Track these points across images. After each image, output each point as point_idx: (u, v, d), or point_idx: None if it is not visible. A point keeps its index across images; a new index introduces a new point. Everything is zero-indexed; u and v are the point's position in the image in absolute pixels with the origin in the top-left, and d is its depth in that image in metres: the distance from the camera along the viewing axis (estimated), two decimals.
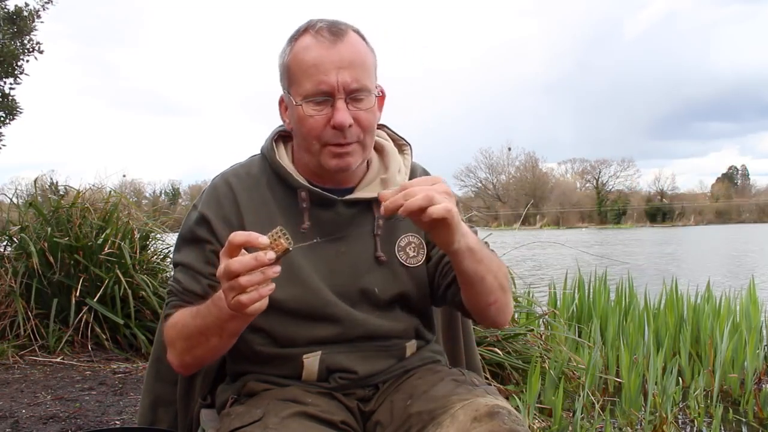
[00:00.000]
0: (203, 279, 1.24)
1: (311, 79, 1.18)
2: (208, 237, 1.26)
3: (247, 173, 1.31)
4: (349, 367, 1.24)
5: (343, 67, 1.17)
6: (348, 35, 1.20)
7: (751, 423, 2.96)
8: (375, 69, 1.25)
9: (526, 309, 3.71)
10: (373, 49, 1.26)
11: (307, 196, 1.26)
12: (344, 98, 1.18)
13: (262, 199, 1.27)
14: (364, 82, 1.19)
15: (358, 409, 1.26)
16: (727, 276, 9.97)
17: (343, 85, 1.17)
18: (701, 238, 32.77)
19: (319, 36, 1.19)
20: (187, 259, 1.27)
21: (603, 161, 75.51)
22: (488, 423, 1.08)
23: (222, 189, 1.29)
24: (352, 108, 1.19)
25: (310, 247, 1.20)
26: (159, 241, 4.67)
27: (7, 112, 5.42)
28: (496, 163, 75.23)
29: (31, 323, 3.74)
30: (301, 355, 1.24)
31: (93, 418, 2.73)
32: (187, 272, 1.26)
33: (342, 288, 1.25)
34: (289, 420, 1.14)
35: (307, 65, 1.18)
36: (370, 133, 1.24)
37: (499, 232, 8.02)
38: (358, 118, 1.20)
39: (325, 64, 1.17)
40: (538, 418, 2.71)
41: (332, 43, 1.18)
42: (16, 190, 5.29)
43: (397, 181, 1.29)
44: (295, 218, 1.25)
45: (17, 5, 5.38)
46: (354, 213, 1.27)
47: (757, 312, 4.08)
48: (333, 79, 1.17)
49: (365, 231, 1.28)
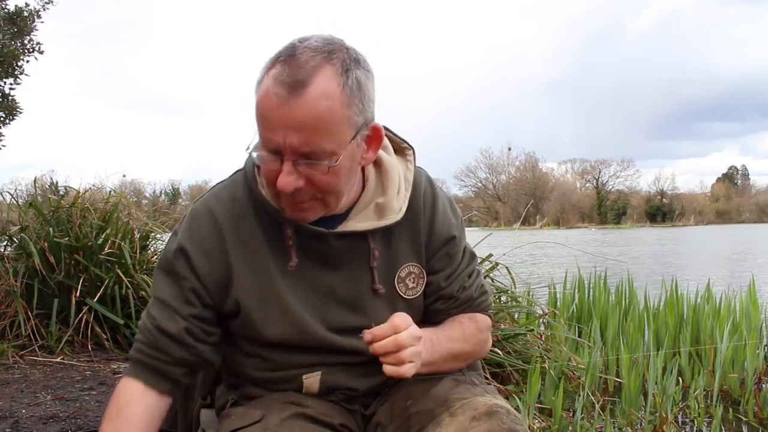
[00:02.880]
0: (181, 320, 1.17)
1: (262, 130, 1.06)
2: (186, 273, 1.17)
3: (232, 198, 1.19)
4: (351, 385, 1.24)
5: (293, 128, 1.01)
6: (309, 88, 1.01)
7: (752, 423, 2.96)
8: (349, 120, 1.05)
9: (526, 309, 3.71)
10: (354, 91, 1.04)
11: (293, 233, 1.16)
12: (292, 160, 1.04)
13: (248, 231, 1.17)
14: (319, 145, 1.03)
15: (360, 413, 1.26)
16: (727, 276, 9.96)
17: (290, 147, 1.03)
18: (701, 238, 32.74)
19: (276, 85, 1.02)
20: (163, 294, 1.19)
21: (603, 161, 75.69)
22: (487, 422, 1.08)
23: (205, 220, 1.19)
24: (304, 170, 1.05)
25: (299, 280, 1.17)
26: (159, 241, 4.66)
27: (7, 112, 5.42)
28: (496, 163, 75.36)
29: (31, 323, 3.74)
30: (301, 375, 1.22)
31: (93, 418, 2.73)
32: (164, 309, 1.18)
33: (336, 323, 1.19)
34: (288, 422, 1.14)
35: (260, 114, 1.05)
36: (332, 193, 1.09)
37: (499, 232, 8.01)
38: (311, 181, 1.06)
39: (274, 121, 1.02)
40: (538, 418, 2.71)
41: (285, 100, 1.01)
42: (16, 190, 5.28)
43: (394, 207, 1.18)
44: (282, 254, 1.17)
45: (17, 5, 5.38)
46: (347, 244, 1.18)
47: (757, 312, 4.08)
48: (279, 138, 1.02)
49: (361, 262, 1.19)
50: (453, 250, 1.25)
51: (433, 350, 1.17)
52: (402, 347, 1.08)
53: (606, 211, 72.22)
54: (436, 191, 1.26)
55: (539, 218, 57.00)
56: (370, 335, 1.09)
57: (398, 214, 1.18)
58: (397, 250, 1.21)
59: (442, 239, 1.24)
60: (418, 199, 1.22)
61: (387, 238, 1.20)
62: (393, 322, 1.09)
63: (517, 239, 4.20)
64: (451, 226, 1.25)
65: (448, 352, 1.22)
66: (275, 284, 1.17)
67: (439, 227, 1.23)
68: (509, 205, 68.30)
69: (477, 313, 1.30)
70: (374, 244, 1.19)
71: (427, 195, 1.24)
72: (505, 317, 3.51)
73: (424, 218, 1.22)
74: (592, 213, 72.38)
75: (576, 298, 4.38)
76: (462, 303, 1.27)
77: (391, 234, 1.20)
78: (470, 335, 1.27)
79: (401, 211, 1.19)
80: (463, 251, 1.29)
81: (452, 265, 1.25)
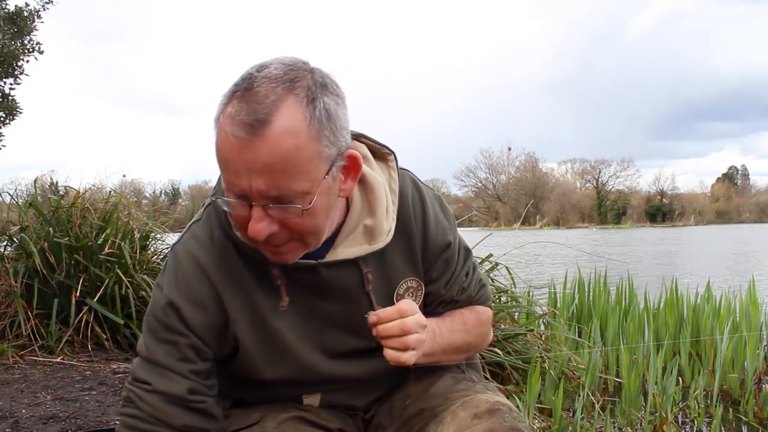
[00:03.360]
0: (182, 380, 1.08)
1: (225, 174, 0.96)
2: (180, 328, 1.08)
3: (211, 239, 1.10)
4: (351, 403, 1.23)
5: (257, 171, 0.92)
6: (271, 126, 0.91)
7: (752, 423, 2.96)
8: (319, 155, 0.95)
9: (526, 309, 3.71)
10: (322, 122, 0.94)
11: (280, 272, 1.09)
12: (262, 205, 0.95)
13: (235, 273, 1.10)
14: (288, 187, 0.94)
15: (360, 417, 1.26)
16: (727, 276, 9.96)
17: (258, 192, 0.94)
18: (701, 238, 32.74)
19: (233, 126, 0.92)
20: (156, 356, 1.09)
21: (603, 161, 75.69)
22: (489, 420, 1.08)
23: (188, 267, 1.10)
24: (275, 214, 0.96)
25: (295, 316, 1.12)
26: (159, 241, 4.67)
27: (7, 112, 5.43)
28: (496, 163, 75.38)
29: (31, 323, 3.74)
30: (301, 394, 1.21)
31: (93, 418, 2.73)
32: (160, 371, 1.08)
33: (336, 348, 1.16)
34: (286, 424, 1.14)
35: (219, 158, 0.96)
36: (311, 233, 1.01)
37: (499, 232, 8.01)
38: (286, 225, 0.98)
39: (236, 164, 0.93)
40: (538, 418, 2.71)
41: (244, 142, 0.91)
42: (16, 190, 5.29)
43: (384, 228, 1.11)
44: (273, 293, 1.10)
45: (17, 5, 5.38)
46: (339, 272, 1.11)
47: (757, 312, 4.08)
48: (245, 183, 0.93)
49: (356, 287, 1.13)
50: (450, 256, 1.21)
51: (435, 341, 1.16)
52: (407, 332, 1.05)
53: (606, 211, 72.23)
54: (424, 195, 1.20)
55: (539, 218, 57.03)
56: (375, 317, 1.06)
57: (389, 235, 1.12)
58: (392, 268, 1.15)
59: (438, 247, 1.19)
60: (407, 210, 1.16)
61: (380, 258, 1.14)
62: (400, 307, 1.06)
63: (517, 239, 4.20)
64: (445, 231, 1.20)
65: (449, 343, 1.20)
66: (270, 325, 1.11)
67: (434, 236, 1.18)
68: (509, 205, 68.31)
69: (478, 306, 1.29)
70: (367, 268, 1.12)
71: (416, 204, 1.18)
72: (505, 317, 3.51)
73: (416, 230, 1.17)
74: (592, 213, 72.38)
75: (576, 298, 4.38)
76: (463, 304, 1.27)
77: (383, 253, 1.13)
78: (472, 327, 1.25)
79: (390, 233, 1.12)
80: (459, 251, 1.25)
81: (450, 269, 1.22)
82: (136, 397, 1.08)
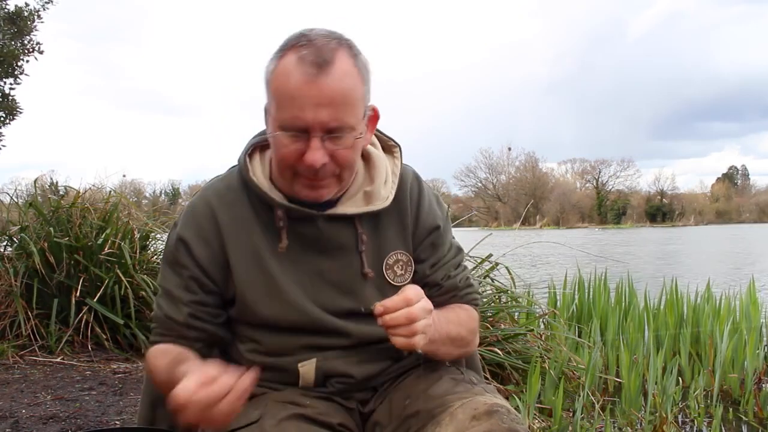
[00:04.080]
0: (183, 307, 1.22)
1: (287, 111, 1.09)
2: (187, 262, 1.22)
3: (227, 187, 1.25)
4: (346, 371, 1.23)
5: (323, 104, 1.07)
6: (334, 66, 1.08)
7: (752, 423, 2.96)
8: (364, 98, 1.14)
9: (526, 309, 3.71)
10: (364, 72, 1.14)
11: (284, 214, 1.20)
12: (320, 136, 1.10)
13: (241, 216, 1.22)
14: (345, 119, 1.10)
15: (357, 411, 1.26)
16: (727, 276, 9.96)
17: (320, 124, 1.08)
18: (701, 238, 32.75)
19: (302, 64, 1.08)
20: (167, 284, 1.25)
21: (603, 161, 75.67)
22: (487, 421, 1.08)
23: (201, 208, 1.24)
24: (328, 145, 1.11)
25: (291, 263, 1.21)
26: (159, 241, 4.67)
27: (7, 112, 5.43)
28: (496, 163, 75.39)
29: (31, 323, 3.74)
30: (296, 363, 1.22)
31: (93, 418, 2.73)
32: (168, 298, 1.24)
33: (328, 305, 1.21)
34: (286, 422, 1.14)
35: (285, 95, 1.09)
36: (349, 168, 1.17)
37: (499, 232, 8.02)
38: (334, 156, 1.12)
39: (303, 99, 1.07)
40: (538, 418, 2.71)
41: (313, 77, 1.07)
42: (16, 190, 5.30)
43: (381, 195, 1.24)
44: (273, 237, 1.21)
45: (17, 5, 5.39)
46: (336, 228, 1.22)
47: (757, 312, 4.08)
48: (309, 116, 1.08)
49: (349, 247, 1.23)
50: (438, 240, 1.30)
51: (435, 329, 1.17)
52: (415, 320, 1.06)
53: (606, 211, 72.24)
54: (422, 186, 1.32)
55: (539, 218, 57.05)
56: (381, 307, 1.06)
57: (385, 201, 1.23)
58: (384, 238, 1.25)
59: (427, 229, 1.28)
60: (404, 191, 1.27)
61: (375, 225, 1.25)
62: (405, 295, 1.08)
63: (517, 239, 4.20)
64: (436, 217, 1.30)
65: (447, 333, 1.22)
66: (267, 265, 1.20)
67: (425, 217, 1.28)
68: (509, 205, 68.33)
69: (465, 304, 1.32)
70: (362, 229, 1.23)
71: (413, 188, 1.29)
72: (505, 317, 3.51)
73: (410, 209, 1.27)
74: (592, 213, 72.39)
75: (576, 298, 4.38)
76: (447, 291, 1.30)
77: (378, 222, 1.25)
78: (464, 321, 1.28)
79: (388, 199, 1.24)
80: (450, 245, 1.33)
81: (437, 254, 1.29)
82: (156, 316, 1.26)
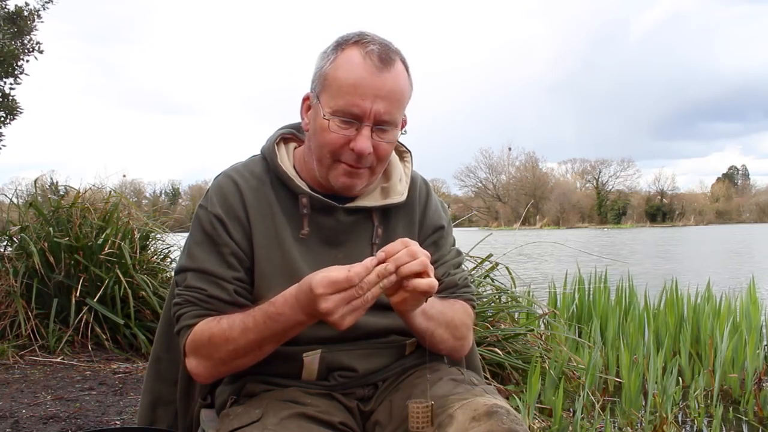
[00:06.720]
0: (228, 284, 1.22)
1: (346, 98, 1.18)
2: (225, 240, 1.24)
3: (251, 172, 1.30)
4: (349, 365, 1.25)
5: (381, 96, 1.18)
6: (395, 66, 1.20)
7: (752, 423, 2.96)
8: (407, 102, 1.25)
9: (526, 309, 3.71)
10: (412, 82, 1.26)
11: (308, 202, 1.26)
12: (371, 126, 1.19)
13: (266, 199, 1.27)
14: (395, 115, 1.21)
15: (357, 409, 1.26)
16: (727, 276, 9.96)
17: (375, 114, 1.18)
18: (701, 238, 32.75)
19: (369, 58, 1.18)
20: (205, 264, 1.23)
21: (603, 161, 75.60)
22: (487, 422, 1.08)
23: (228, 186, 1.28)
24: (375, 137, 1.20)
25: (309, 251, 1.26)
26: (159, 241, 4.67)
27: (7, 112, 5.43)
28: (496, 163, 75.33)
29: (31, 323, 3.74)
30: (301, 353, 1.23)
31: (93, 418, 2.73)
32: (208, 279, 1.22)
33: None
34: (287, 421, 1.14)
35: (347, 83, 1.18)
36: (383, 162, 1.25)
37: (499, 232, 8.02)
38: (377, 148, 1.21)
39: (366, 88, 1.17)
40: (538, 418, 2.71)
41: (379, 70, 1.18)
42: (16, 190, 5.31)
43: (398, 190, 1.31)
44: (295, 223, 1.26)
45: (17, 5, 5.39)
46: (354, 220, 1.28)
47: (757, 312, 4.08)
48: (368, 105, 1.17)
49: (364, 239, 1.29)
50: (441, 240, 1.37)
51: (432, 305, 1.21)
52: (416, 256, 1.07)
53: (606, 211, 72.23)
54: (430, 189, 1.41)
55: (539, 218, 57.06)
56: (383, 253, 1.07)
57: (401, 197, 1.31)
58: (395, 232, 1.30)
59: (432, 227, 1.36)
60: (414, 191, 1.35)
61: (387, 219, 1.32)
62: (402, 239, 1.09)
63: (518, 239, 4.20)
64: (441, 218, 1.38)
65: (441, 315, 1.25)
66: (288, 250, 1.25)
67: (431, 216, 1.37)
68: (509, 205, 68.34)
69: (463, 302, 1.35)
70: (377, 222, 1.29)
71: (422, 189, 1.38)
72: (505, 317, 3.51)
73: (419, 207, 1.36)
74: (592, 213, 72.38)
75: (576, 298, 4.38)
76: (446, 287, 1.32)
77: (390, 217, 1.32)
78: (458, 312, 1.31)
79: (403, 195, 1.31)
80: (451, 247, 1.39)
81: (439, 252, 1.35)
82: (195, 299, 1.22)
